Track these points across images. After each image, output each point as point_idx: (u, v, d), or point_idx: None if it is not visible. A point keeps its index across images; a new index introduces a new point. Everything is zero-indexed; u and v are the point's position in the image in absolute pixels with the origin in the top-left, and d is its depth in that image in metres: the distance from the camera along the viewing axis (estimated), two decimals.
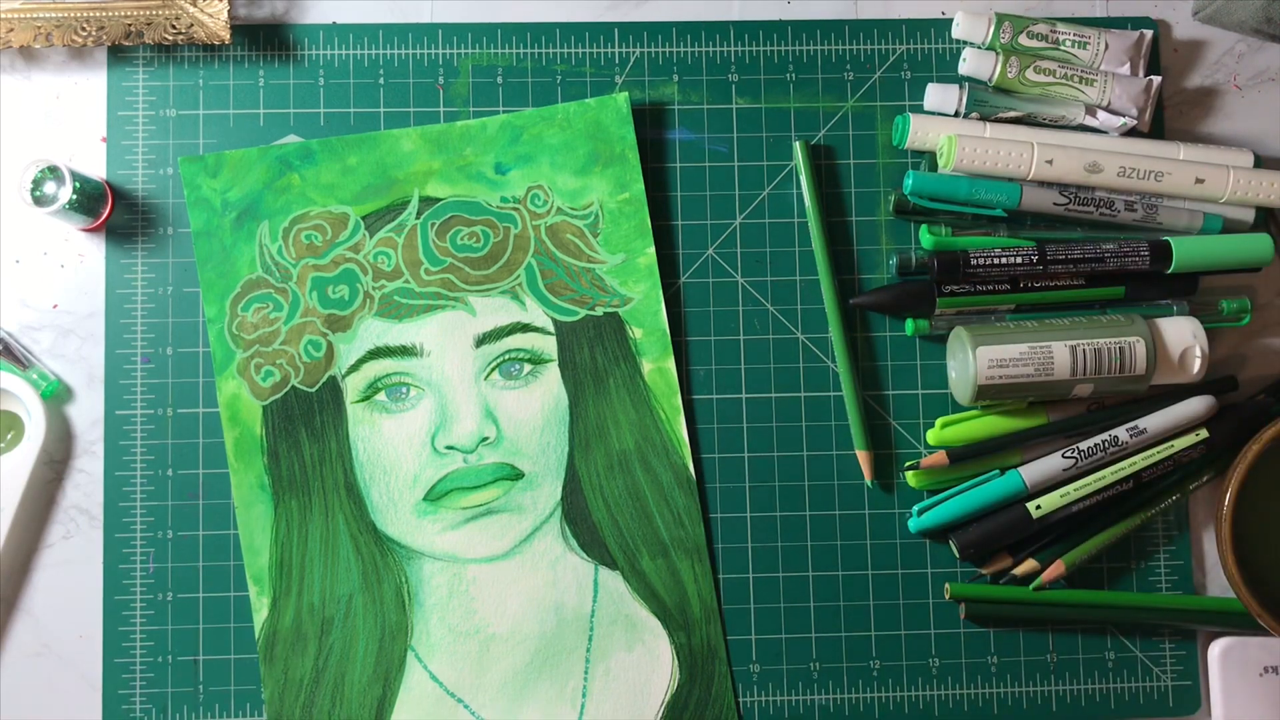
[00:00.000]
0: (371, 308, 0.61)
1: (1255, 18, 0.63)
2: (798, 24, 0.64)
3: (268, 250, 0.61)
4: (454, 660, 0.59)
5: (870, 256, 0.63)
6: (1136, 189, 0.61)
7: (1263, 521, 0.60)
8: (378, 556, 0.60)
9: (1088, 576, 0.62)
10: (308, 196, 0.61)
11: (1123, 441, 0.60)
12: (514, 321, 0.61)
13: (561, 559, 0.60)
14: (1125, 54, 0.63)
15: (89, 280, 0.61)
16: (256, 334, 0.60)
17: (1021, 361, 0.58)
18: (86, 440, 0.61)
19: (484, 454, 0.60)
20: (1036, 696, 0.61)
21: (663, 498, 0.61)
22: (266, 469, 0.60)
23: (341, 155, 0.61)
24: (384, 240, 0.61)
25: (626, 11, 0.64)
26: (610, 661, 0.60)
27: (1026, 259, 0.60)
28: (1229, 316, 0.62)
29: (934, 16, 0.65)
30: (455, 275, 0.61)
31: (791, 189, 0.63)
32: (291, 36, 0.63)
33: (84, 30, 0.60)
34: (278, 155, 0.61)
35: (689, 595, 0.60)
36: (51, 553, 0.60)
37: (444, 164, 0.62)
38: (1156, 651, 0.62)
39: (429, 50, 0.63)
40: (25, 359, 0.60)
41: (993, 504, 0.60)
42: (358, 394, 0.60)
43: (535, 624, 0.60)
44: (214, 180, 0.61)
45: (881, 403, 0.63)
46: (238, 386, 0.60)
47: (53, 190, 0.58)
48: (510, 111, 0.62)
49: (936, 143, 0.62)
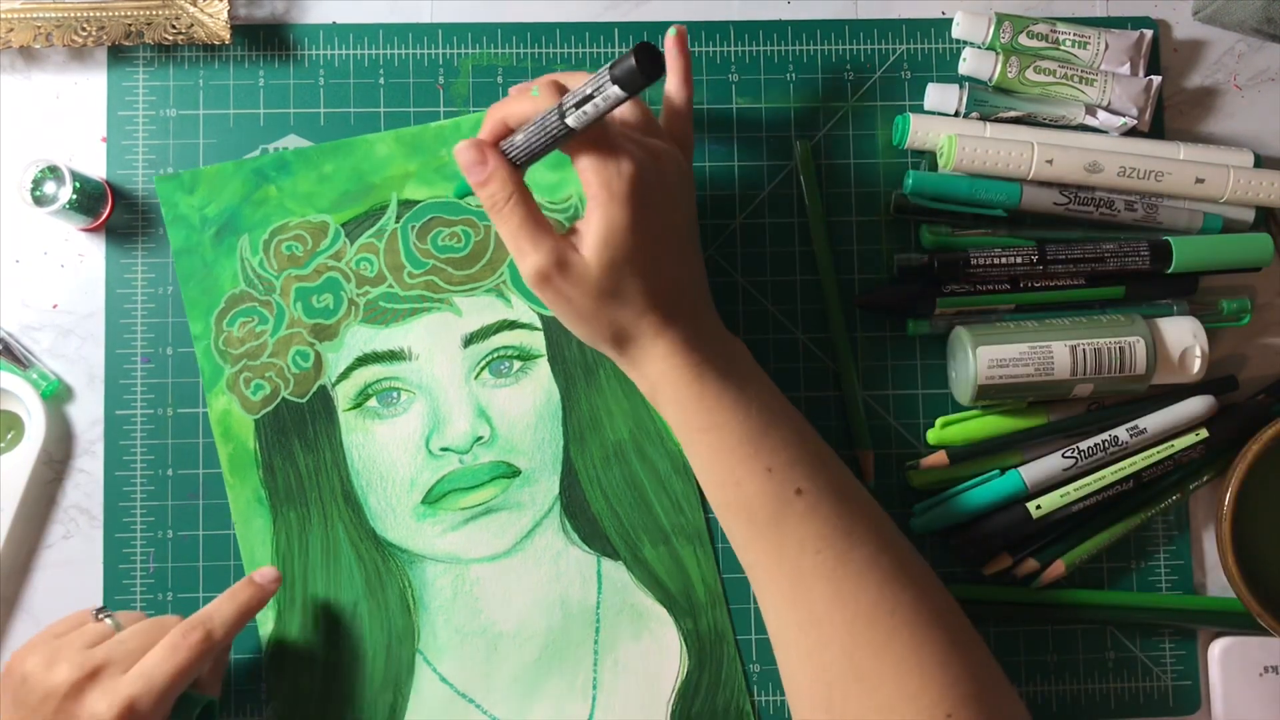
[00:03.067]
0: (357, 315, 0.61)
1: (1255, 18, 0.63)
2: (798, 24, 0.64)
3: (249, 264, 0.61)
4: (463, 661, 0.59)
5: (870, 256, 0.63)
6: (1136, 189, 0.61)
7: (1263, 521, 0.60)
8: (380, 562, 0.60)
9: (1088, 576, 0.62)
10: (286, 207, 0.61)
11: (1123, 441, 0.60)
12: (501, 319, 0.61)
13: (563, 553, 0.60)
14: (1125, 54, 0.63)
15: (89, 280, 0.61)
16: (244, 348, 0.60)
17: (1021, 361, 0.58)
18: (86, 440, 0.61)
19: (479, 453, 0.60)
20: (1036, 696, 0.61)
21: (661, 485, 0.61)
22: (262, 482, 0.60)
23: (317, 164, 0.61)
24: (365, 246, 0.61)
25: (626, 11, 0.64)
26: (619, 652, 0.60)
27: (1026, 259, 0.60)
28: (1229, 316, 0.62)
29: (934, 16, 0.65)
30: (439, 277, 0.61)
31: (791, 189, 0.63)
32: (291, 36, 0.63)
33: (84, 30, 0.60)
34: (253, 168, 0.61)
35: (693, 581, 0.60)
36: (51, 553, 0.60)
37: (420, 166, 0.62)
38: (1156, 651, 0.62)
39: (429, 50, 0.63)
40: (25, 359, 0.60)
41: (993, 504, 0.60)
42: (349, 401, 0.60)
43: (541, 619, 0.60)
44: (191, 197, 0.61)
45: (881, 403, 0.63)
46: (228, 402, 0.60)
47: (53, 190, 0.58)
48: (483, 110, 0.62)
49: (936, 143, 0.62)
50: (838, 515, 0.51)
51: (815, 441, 0.53)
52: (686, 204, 0.54)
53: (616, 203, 0.50)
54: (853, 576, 0.50)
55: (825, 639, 0.49)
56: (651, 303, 0.52)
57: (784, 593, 0.51)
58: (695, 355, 0.52)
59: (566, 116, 0.48)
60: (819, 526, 0.51)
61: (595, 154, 0.50)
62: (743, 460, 0.52)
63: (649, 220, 0.51)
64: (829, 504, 0.51)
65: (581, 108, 0.48)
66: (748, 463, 0.52)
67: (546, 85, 0.51)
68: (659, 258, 0.52)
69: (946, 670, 0.48)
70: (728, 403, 0.52)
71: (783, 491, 0.51)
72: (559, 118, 0.48)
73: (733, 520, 0.53)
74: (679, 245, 0.53)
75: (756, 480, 0.51)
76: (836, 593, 0.50)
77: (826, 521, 0.51)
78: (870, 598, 0.49)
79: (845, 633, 0.49)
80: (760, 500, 0.51)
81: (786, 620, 0.51)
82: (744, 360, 0.54)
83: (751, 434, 0.52)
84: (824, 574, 0.50)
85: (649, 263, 0.51)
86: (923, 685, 0.48)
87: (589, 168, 0.50)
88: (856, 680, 0.48)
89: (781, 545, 0.51)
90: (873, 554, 0.50)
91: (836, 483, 0.52)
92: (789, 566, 0.51)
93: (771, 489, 0.51)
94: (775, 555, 0.51)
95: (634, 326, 0.52)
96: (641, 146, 0.51)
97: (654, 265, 0.51)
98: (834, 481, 0.52)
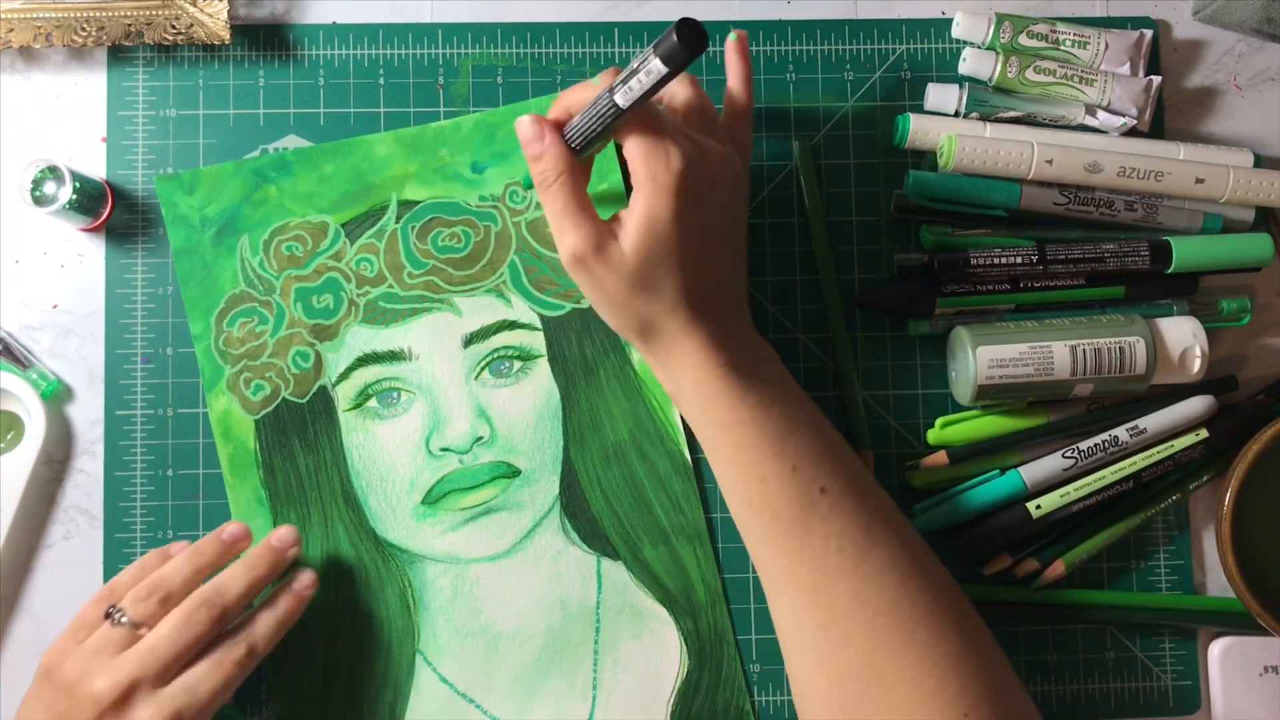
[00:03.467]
0: (357, 315, 0.61)
1: (1255, 18, 0.63)
2: (798, 24, 0.64)
3: (249, 264, 0.61)
4: (463, 661, 0.59)
5: (870, 256, 0.63)
6: (1136, 189, 0.61)
7: (1263, 521, 0.60)
8: (380, 562, 0.60)
9: (1088, 576, 0.62)
10: (286, 207, 0.61)
11: (1123, 441, 0.60)
12: (500, 319, 0.61)
13: (563, 553, 0.60)
14: (1125, 54, 0.63)
15: (89, 280, 0.61)
16: (244, 348, 0.60)
17: (1021, 361, 0.58)
18: (86, 440, 0.61)
19: (479, 453, 0.60)
20: (1036, 696, 0.61)
21: (660, 485, 0.61)
22: (263, 483, 0.60)
23: (317, 164, 0.61)
24: (365, 246, 0.61)
25: (626, 11, 0.64)
26: (619, 652, 0.60)
27: (1026, 259, 0.60)
28: (1229, 316, 0.62)
29: (934, 16, 0.65)
30: (439, 277, 0.61)
31: (791, 189, 0.63)
32: (291, 36, 0.63)
33: (84, 30, 0.60)
34: (253, 168, 0.61)
35: (693, 581, 0.60)
36: (51, 553, 0.60)
37: (420, 166, 0.62)
38: (1156, 651, 0.62)
39: (429, 50, 0.63)
40: (25, 359, 0.60)
41: (993, 504, 0.60)
42: (349, 402, 0.60)
43: (541, 619, 0.60)
44: (191, 197, 0.61)
45: (881, 403, 0.63)
46: (229, 402, 0.60)
47: (53, 190, 0.58)
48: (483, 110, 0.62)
49: (936, 143, 0.62)
50: (860, 514, 0.51)
51: (838, 443, 0.53)
52: (732, 206, 0.54)
53: (661, 194, 0.50)
54: (874, 575, 0.50)
55: (844, 638, 0.49)
56: (683, 298, 0.52)
57: (804, 592, 0.51)
58: (721, 354, 0.53)
59: (615, 93, 0.49)
60: (842, 524, 0.51)
61: (645, 143, 0.50)
62: (767, 458, 0.52)
63: (690, 216, 0.51)
64: (851, 503, 0.51)
65: (628, 83, 0.48)
66: (772, 461, 0.51)
67: (606, 73, 0.54)
68: (696, 255, 0.52)
69: (963, 669, 0.48)
70: (752, 401, 0.52)
71: (807, 490, 0.51)
72: (609, 95, 0.49)
73: (754, 518, 0.52)
74: (717, 245, 0.53)
75: (781, 477, 0.51)
76: (858, 591, 0.50)
77: (850, 520, 0.51)
78: (891, 596, 0.49)
79: (865, 632, 0.49)
80: (785, 498, 0.51)
81: (804, 621, 0.51)
82: (771, 363, 0.54)
83: (776, 432, 0.52)
84: (846, 572, 0.50)
85: (685, 258, 0.51)
86: (940, 685, 0.48)
87: (637, 156, 0.50)
88: (875, 681, 0.48)
89: (804, 543, 0.51)
90: (894, 553, 0.50)
91: (859, 482, 0.52)
92: (811, 564, 0.50)
93: (797, 487, 0.51)
94: (797, 553, 0.51)
95: (663, 320, 0.53)
96: (694, 143, 0.52)
97: (690, 261, 0.52)
98: (856, 481, 0.52)
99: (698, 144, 0.52)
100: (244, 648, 0.53)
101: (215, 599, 0.53)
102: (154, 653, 0.51)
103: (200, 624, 0.52)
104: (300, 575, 0.56)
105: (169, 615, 0.52)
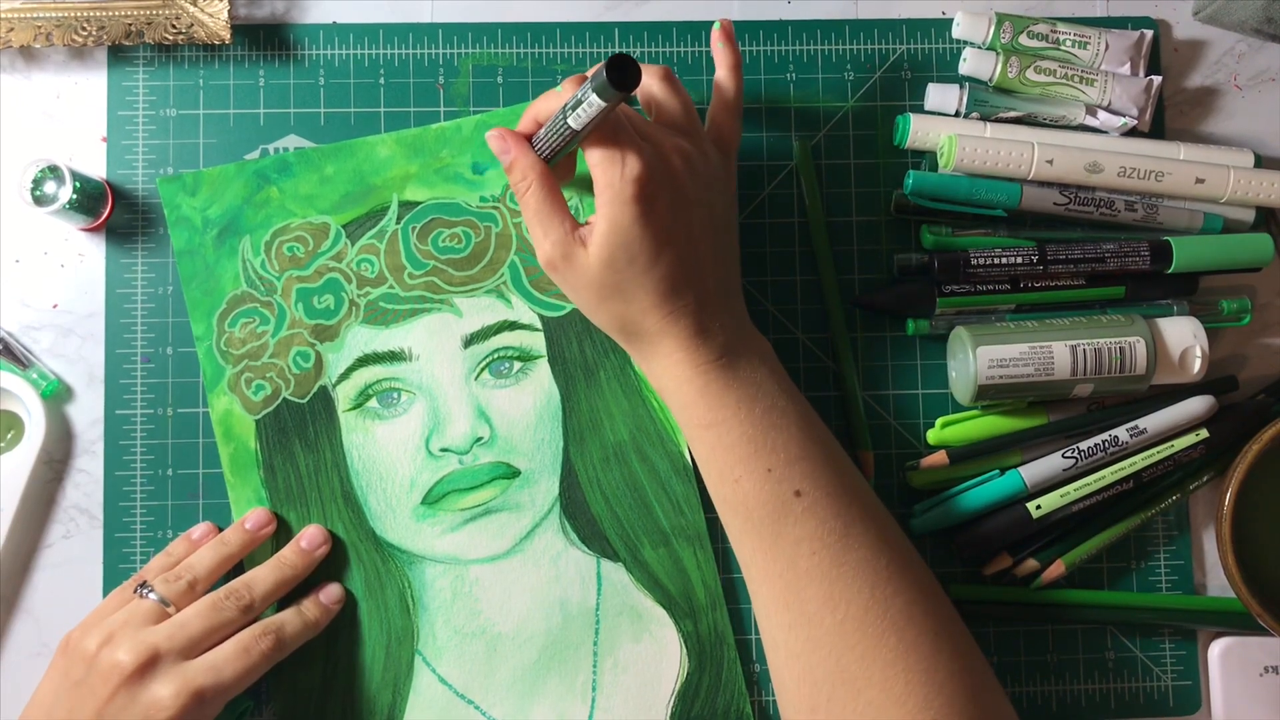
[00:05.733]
0: (358, 315, 0.61)
1: (1255, 18, 0.63)
2: (798, 24, 0.64)
3: (251, 265, 0.61)
4: (462, 662, 0.59)
5: (870, 256, 0.63)
6: (1136, 189, 0.61)
7: (1263, 521, 0.60)
8: (379, 563, 0.60)
9: (1088, 576, 0.62)
10: (287, 209, 0.61)
11: (1123, 441, 0.60)
12: (501, 320, 0.61)
13: (563, 554, 0.60)
14: (1125, 54, 0.63)
15: (89, 280, 0.61)
16: (245, 349, 0.60)
17: (1021, 361, 0.58)
18: (86, 440, 0.61)
19: (479, 454, 0.60)
20: (1036, 696, 0.61)
21: (660, 487, 0.61)
22: (263, 483, 0.60)
23: (318, 165, 0.61)
24: (366, 247, 0.61)
25: (626, 11, 0.64)
26: (618, 654, 0.60)
27: (1026, 259, 0.60)
28: (1229, 316, 0.62)
29: (934, 16, 0.65)
30: (439, 278, 0.61)
31: (791, 189, 0.63)
32: (291, 36, 0.63)
33: (84, 30, 0.60)
34: (255, 169, 0.61)
35: (693, 583, 0.60)
36: (51, 553, 0.60)
37: (421, 167, 0.62)
38: (1156, 651, 0.62)
39: (429, 50, 0.63)
40: (25, 359, 0.60)
41: (993, 504, 0.60)
42: (349, 402, 0.60)
43: (541, 621, 0.60)
44: (193, 199, 0.61)
45: (881, 403, 0.63)
46: (230, 402, 0.60)
47: (53, 190, 0.58)
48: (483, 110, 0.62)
49: (936, 143, 0.62)
50: (836, 518, 0.51)
51: (823, 442, 0.53)
52: (709, 203, 0.54)
53: (619, 202, 0.50)
54: (846, 579, 0.50)
55: (815, 640, 0.50)
56: (655, 300, 0.52)
57: (776, 593, 0.51)
58: (701, 353, 0.53)
59: (568, 116, 0.50)
60: (815, 528, 0.51)
61: (603, 153, 0.51)
62: (742, 459, 0.52)
63: (654, 220, 0.51)
64: (828, 506, 0.51)
65: (576, 110, 0.49)
66: (747, 461, 0.52)
67: (569, 82, 0.54)
68: (664, 256, 0.52)
69: (934, 674, 0.48)
70: (731, 401, 0.52)
71: (781, 492, 0.51)
72: (563, 116, 0.50)
73: (730, 517, 0.53)
74: (689, 243, 0.53)
75: (755, 479, 0.51)
76: (829, 595, 0.50)
77: (824, 524, 0.51)
78: (863, 601, 0.49)
79: (835, 635, 0.49)
80: (758, 499, 0.51)
81: (777, 621, 0.51)
82: (761, 360, 0.54)
83: (753, 433, 0.52)
84: (818, 576, 0.50)
85: (654, 261, 0.51)
86: (908, 690, 0.48)
87: (595, 164, 0.51)
88: (844, 683, 0.49)
89: (777, 545, 0.51)
90: (869, 557, 0.50)
91: (840, 484, 0.52)
92: (783, 566, 0.51)
93: (770, 489, 0.51)
94: (770, 555, 0.51)
95: (640, 320, 0.53)
96: (656, 146, 0.52)
97: (659, 263, 0.52)
98: (837, 483, 0.52)
99: (660, 147, 0.52)
100: (272, 639, 0.54)
101: (244, 591, 0.55)
102: (185, 628, 0.52)
103: (229, 611, 0.54)
104: (329, 588, 0.58)
105: (199, 600, 0.54)
